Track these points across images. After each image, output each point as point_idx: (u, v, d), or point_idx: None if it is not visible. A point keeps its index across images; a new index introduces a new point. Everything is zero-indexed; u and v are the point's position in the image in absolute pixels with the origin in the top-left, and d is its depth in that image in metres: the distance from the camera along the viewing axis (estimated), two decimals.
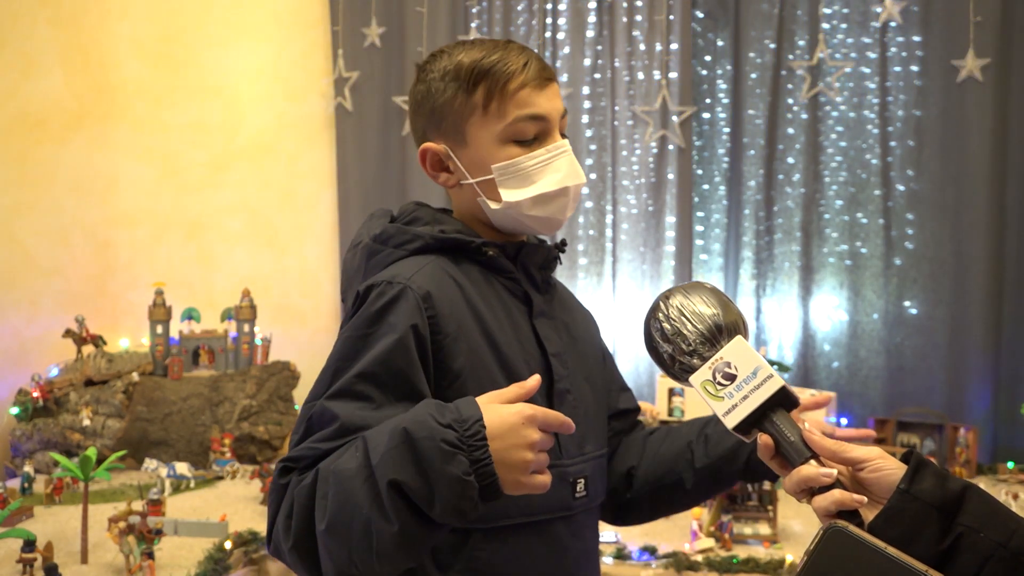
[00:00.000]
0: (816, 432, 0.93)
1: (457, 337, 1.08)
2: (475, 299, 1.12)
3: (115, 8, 4.03)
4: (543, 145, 1.16)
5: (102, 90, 4.01)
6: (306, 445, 1.00)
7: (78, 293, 3.90)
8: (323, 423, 1.01)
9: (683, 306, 1.00)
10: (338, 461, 0.95)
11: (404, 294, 1.06)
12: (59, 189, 3.88)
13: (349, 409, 1.01)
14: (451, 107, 1.16)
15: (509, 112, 1.14)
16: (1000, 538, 0.82)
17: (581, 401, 1.22)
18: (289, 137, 4.22)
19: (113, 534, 2.37)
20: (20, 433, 3.43)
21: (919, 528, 0.84)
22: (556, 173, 1.15)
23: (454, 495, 0.89)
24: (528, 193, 1.14)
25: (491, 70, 1.13)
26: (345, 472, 0.93)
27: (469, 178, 1.17)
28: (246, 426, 3.54)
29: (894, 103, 3.72)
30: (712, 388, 0.97)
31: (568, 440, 1.16)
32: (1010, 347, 3.57)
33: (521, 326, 1.17)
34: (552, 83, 1.18)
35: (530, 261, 1.21)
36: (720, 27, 3.91)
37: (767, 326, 3.85)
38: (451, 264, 1.14)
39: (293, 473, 1.00)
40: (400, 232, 1.16)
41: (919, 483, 0.86)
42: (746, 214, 3.88)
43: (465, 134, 1.16)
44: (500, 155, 1.15)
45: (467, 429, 0.90)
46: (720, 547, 2.57)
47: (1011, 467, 3.37)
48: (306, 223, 4.24)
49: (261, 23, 4.18)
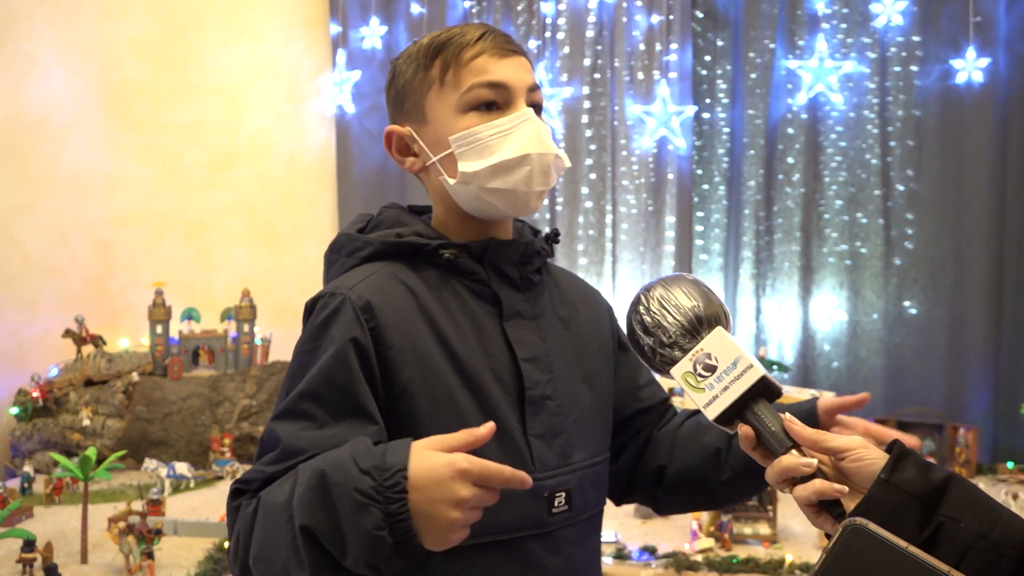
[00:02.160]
0: (797, 422, 0.92)
1: (403, 348, 1.02)
2: (431, 306, 1.06)
3: (115, 8, 4.03)
4: (506, 114, 1.08)
5: (102, 90, 4.01)
6: (255, 467, 0.98)
7: (78, 293, 3.90)
8: (269, 445, 0.99)
9: (664, 298, 0.98)
10: (272, 492, 0.93)
11: (343, 306, 1.02)
12: (59, 189, 3.88)
13: (291, 431, 0.97)
14: (411, 86, 1.11)
15: (464, 80, 1.07)
16: (981, 529, 0.81)
17: (571, 406, 1.13)
18: (289, 137, 4.22)
19: (113, 534, 2.37)
20: (20, 433, 3.43)
21: (899, 518, 0.83)
22: (517, 141, 1.06)
23: (364, 549, 0.84)
24: (487, 162, 1.06)
25: (447, 42, 1.09)
26: (273, 506, 0.91)
27: (432, 157, 1.10)
28: (246, 426, 3.54)
29: (894, 103, 3.72)
30: (693, 380, 0.95)
31: (545, 451, 1.08)
32: (1010, 347, 3.57)
33: (488, 331, 1.09)
34: (516, 55, 1.10)
35: (501, 259, 1.11)
36: (720, 27, 3.91)
37: (767, 326, 3.85)
38: (406, 270, 1.08)
39: (244, 496, 0.98)
40: (351, 240, 1.12)
41: (900, 473, 0.85)
42: (746, 214, 3.88)
43: (424, 110, 1.10)
44: (458, 125, 1.07)
45: (387, 479, 0.83)
46: (720, 547, 2.57)
47: (1011, 467, 3.37)
48: (306, 223, 4.24)
49: (261, 23, 4.18)
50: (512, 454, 1.05)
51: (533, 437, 1.08)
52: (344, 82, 4.08)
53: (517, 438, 1.07)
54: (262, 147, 4.20)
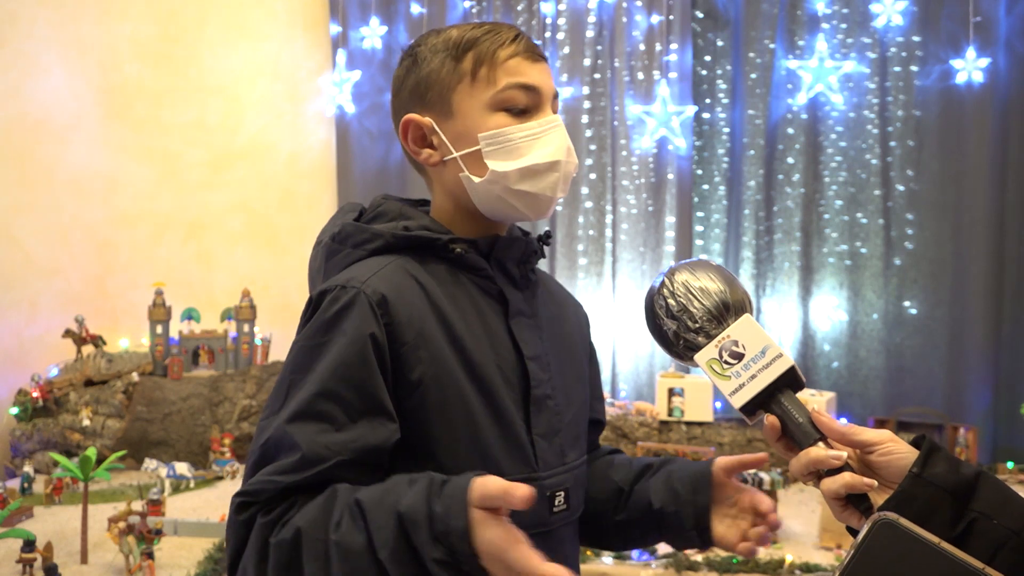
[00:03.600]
0: (824, 414, 0.92)
1: (416, 345, 1.00)
2: (441, 302, 1.04)
3: (115, 8, 4.03)
4: (534, 118, 1.08)
5: (102, 90, 4.01)
6: (264, 477, 0.93)
7: (78, 293, 3.90)
8: (282, 451, 0.94)
9: (689, 283, 0.97)
10: (339, 532, 0.89)
11: (358, 299, 0.98)
12: (59, 189, 3.88)
13: (308, 435, 0.93)
14: (437, 76, 1.08)
15: (499, 79, 1.06)
16: (1014, 526, 0.81)
17: (567, 406, 1.13)
18: (289, 137, 4.22)
19: (113, 534, 2.37)
20: (20, 433, 3.43)
21: (931, 513, 0.82)
22: (547, 147, 1.07)
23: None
24: (517, 164, 1.06)
25: (480, 38, 1.07)
26: (351, 549, 0.88)
27: (453, 152, 1.07)
28: (246, 426, 3.54)
29: (894, 103, 3.72)
30: (718, 367, 0.94)
31: (547, 450, 1.08)
32: (1010, 347, 3.57)
33: (495, 328, 1.07)
34: (543, 62, 1.10)
35: (506, 256, 1.11)
36: (720, 27, 3.91)
37: (767, 326, 3.85)
38: (415, 264, 1.06)
39: (252, 509, 0.93)
40: (359, 231, 1.08)
41: (932, 467, 0.84)
42: (746, 214, 3.88)
43: (451, 104, 1.07)
44: (488, 124, 1.06)
45: (457, 547, 0.85)
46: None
47: (1011, 467, 3.36)
48: (306, 223, 4.24)
49: (261, 23, 4.18)
50: (517, 454, 1.05)
51: (537, 436, 1.07)
52: (344, 82, 4.08)
53: (523, 438, 1.06)
54: (262, 147, 4.20)
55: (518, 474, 1.03)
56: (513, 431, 1.05)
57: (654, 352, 3.92)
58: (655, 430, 3.46)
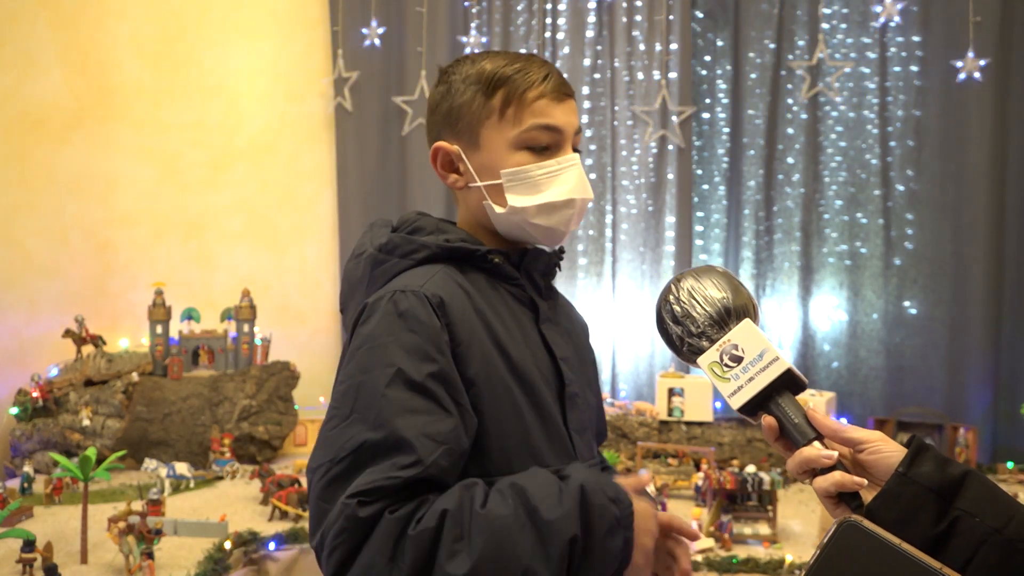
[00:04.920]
0: (819, 412, 0.96)
1: (470, 344, 1.07)
2: (483, 307, 1.12)
3: (115, 8, 4.03)
4: (554, 156, 1.16)
5: (102, 90, 4.01)
6: (380, 475, 0.95)
7: (78, 293, 3.90)
8: (391, 448, 0.96)
9: (694, 289, 1.03)
10: (486, 507, 0.94)
11: (421, 301, 1.05)
12: (59, 189, 3.88)
13: (415, 428, 0.97)
14: (468, 109, 1.16)
15: (525, 119, 1.14)
16: (996, 524, 0.82)
17: (587, 406, 1.23)
18: (289, 137, 4.22)
19: (113, 534, 2.37)
20: (20, 433, 3.43)
21: (915, 511, 0.84)
22: (564, 185, 1.16)
23: (603, 564, 0.97)
24: (534, 200, 1.15)
25: (512, 77, 1.15)
26: (499, 519, 0.93)
27: (478, 181, 1.17)
28: (246, 426, 3.54)
29: (894, 103, 3.72)
30: (719, 370, 0.98)
31: (581, 445, 1.16)
32: (1010, 347, 3.57)
33: (529, 332, 1.17)
34: (570, 99, 1.19)
35: (534, 267, 1.21)
36: (720, 27, 3.91)
37: (767, 326, 3.85)
38: (457, 273, 1.14)
39: (377, 506, 0.94)
40: (406, 242, 1.15)
41: (918, 467, 0.86)
42: (746, 214, 3.88)
43: (479, 137, 1.16)
44: (511, 161, 1.15)
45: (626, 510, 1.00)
46: (720, 547, 2.57)
47: (1011, 467, 3.36)
48: (306, 223, 4.25)
49: (261, 23, 4.18)
50: (559, 448, 1.12)
51: (573, 431, 1.15)
52: (344, 82, 4.08)
53: (563, 433, 1.13)
54: (262, 147, 4.20)
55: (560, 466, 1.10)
56: (555, 426, 1.13)
57: (654, 352, 3.92)
58: (655, 430, 3.46)
